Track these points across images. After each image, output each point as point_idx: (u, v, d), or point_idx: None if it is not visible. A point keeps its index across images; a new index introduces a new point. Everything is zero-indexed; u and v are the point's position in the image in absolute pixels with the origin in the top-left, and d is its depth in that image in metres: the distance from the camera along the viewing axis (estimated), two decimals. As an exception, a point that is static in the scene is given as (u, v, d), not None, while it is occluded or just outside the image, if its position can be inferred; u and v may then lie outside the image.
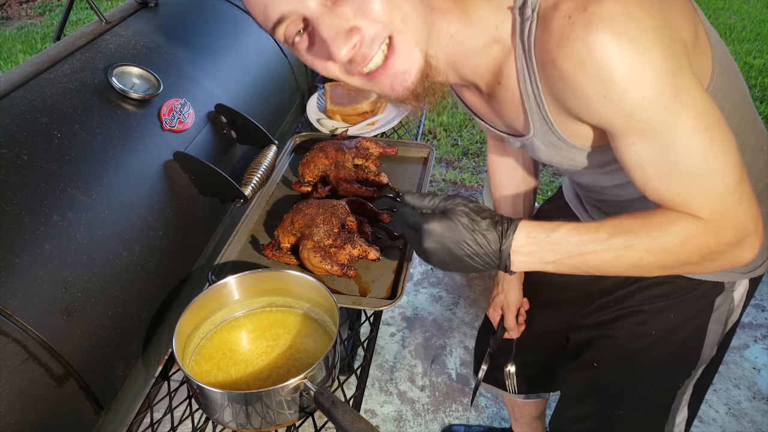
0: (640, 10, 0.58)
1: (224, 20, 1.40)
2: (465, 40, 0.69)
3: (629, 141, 0.64)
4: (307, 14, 0.61)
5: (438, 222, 0.69)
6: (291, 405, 0.78)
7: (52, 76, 0.98)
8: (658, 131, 0.62)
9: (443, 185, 2.87)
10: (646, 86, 0.59)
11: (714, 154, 0.62)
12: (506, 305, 1.21)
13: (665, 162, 0.63)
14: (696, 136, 0.61)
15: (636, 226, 0.66)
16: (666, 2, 0.63)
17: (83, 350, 0.77)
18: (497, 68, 0.71)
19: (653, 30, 0.58)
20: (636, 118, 0.61)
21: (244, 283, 0.93)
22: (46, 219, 0.79)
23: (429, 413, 1.82)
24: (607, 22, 0.57)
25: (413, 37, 0.64)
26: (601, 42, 0.57)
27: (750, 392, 1.80)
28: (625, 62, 0.58)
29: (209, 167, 1.04)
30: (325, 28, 0.61)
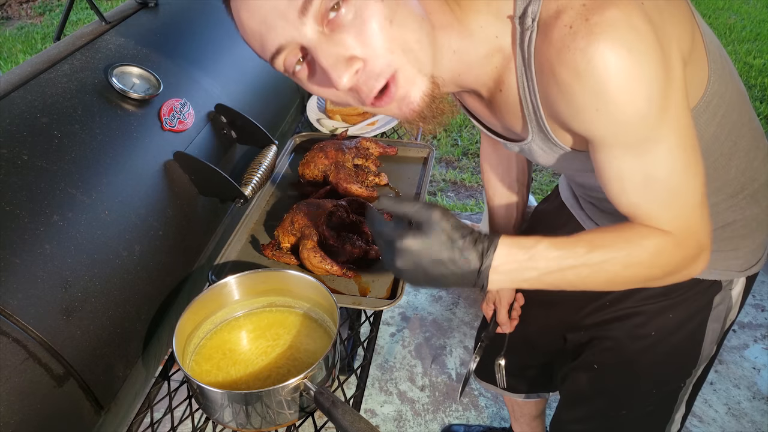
0: (643, 23, 0.58)
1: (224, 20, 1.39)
2: (467, 52, 0.69)
3: (612, 153, 0.65)
4: (305, 43, 0.59)
5: (414, 239, 0.64)
6: (291, 405, 0.78)
7: (52, 76, 0.98)
8: (643, 146, 0.63)
9: (443, 185, 2.87)
10: (639, 102, 0.59)
11: (689, 171, 0.65)
12: (498, 300, 1.21)
13: (644, 176, 0.65)
14: (677, 153, 0.63)
15: (612, 241, 0.66)
16: (665, 13, 0.63)
17: (83, 350, 0.77)
18: (498, 76, 0.71)
19: (653, 44, 0.58)
20: (624, 132, 0.62)
21: (244, 283, 0.93)
22: (46, 219, 0.79)
23: (429, 413, 1.82)
24: (609, 34, 0.56)
25: (416, 64, 0.62)
26: (600, 54, 0.57)
27: (750, 392, 1.80)
28: (621, 76, 0.57)
29: (209, 167, 1.04)
30: (324, 57, 0.59)
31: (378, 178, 1.27)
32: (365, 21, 0.58)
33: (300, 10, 0.57)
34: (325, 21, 0.58)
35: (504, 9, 0.65)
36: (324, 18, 0.58)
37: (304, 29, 0.58)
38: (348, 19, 0.58)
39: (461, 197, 2.79)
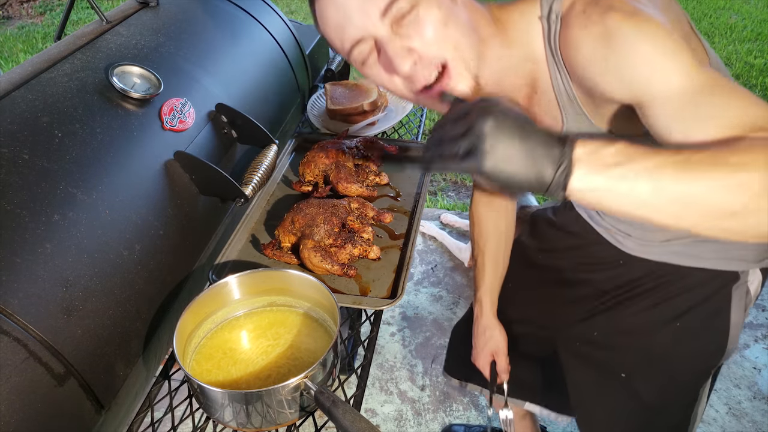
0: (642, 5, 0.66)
1: (225, 20, 1.40)
2: (508, 59, 0.78)
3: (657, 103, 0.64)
4: (379, 37, 0.73)
5: (497, 107, 0.57)
6: (291, 404, 0.78)
7: (53, 76, 0.98)
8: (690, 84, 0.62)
9: (443, 184, 2.87)
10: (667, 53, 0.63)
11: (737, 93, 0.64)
12: (496, 350, 1.21)
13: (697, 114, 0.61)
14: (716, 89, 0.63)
15: (708, 154, 0.56)
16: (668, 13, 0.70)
17: (84, 349, 0.77)
18: (533, 79, 0.80)
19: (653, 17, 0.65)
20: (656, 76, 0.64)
21: (245, 282, 0.93)
22: (46, 218, 0.79)
23: (429, 413, 1.82)
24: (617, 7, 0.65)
25: (464, 62, 0.74)
26: (615, 19, 0.64)
27: (750, 392, 1.80)
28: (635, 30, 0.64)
29: (210, 167, 1.04)
30: (391, 47, 0.72)
31: (378, 178, 1.27)
32: (424, 21, 0.72)
33: (382, 12, 0.71)
34: (396, 22, 0.72)
35: (534, 12, 0.76)
36: (396, 20, 0.72)
37: (381, 26, 0.72)
38: (411, 20, 0.72)
39: (462, 197, 2.79)
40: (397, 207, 1.22)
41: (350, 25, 0.73)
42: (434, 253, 2.43)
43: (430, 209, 2.67)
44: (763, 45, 4.04)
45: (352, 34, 0.74)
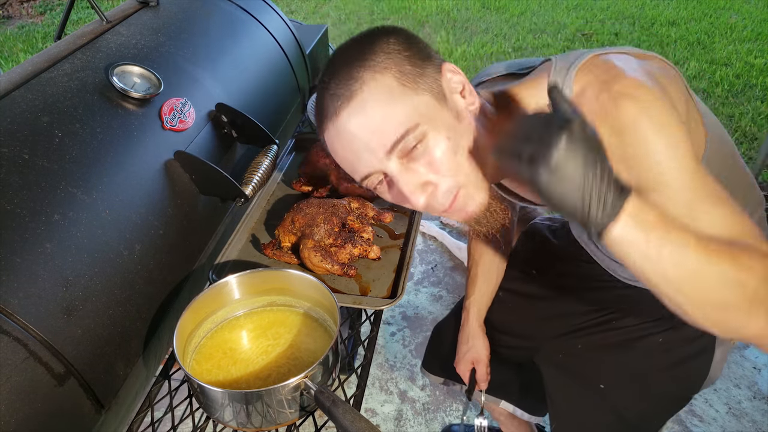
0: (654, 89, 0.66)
1: (225, 19, 1.40)
2: None
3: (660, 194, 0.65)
4: (389, 173, 0.72)
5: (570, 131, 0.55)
6: (291, 404, 0.78)
7: (53, 75, 0.98)
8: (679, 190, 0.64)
9: (444, 185, 2.87)
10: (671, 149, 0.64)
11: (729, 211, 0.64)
12: (477, 359, 1.22)
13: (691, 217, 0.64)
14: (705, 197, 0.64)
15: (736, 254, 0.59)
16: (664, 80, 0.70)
17: (84, 349, 0.77)
18: None
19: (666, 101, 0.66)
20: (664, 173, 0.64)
21: (245, 282, 0.93)
22: (46, 218, 0.79)
23: (429, 412, 1.82)
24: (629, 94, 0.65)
25: (475, 183, 0.74)
26: (628, 111, 0.65)
27: (750, 392, 1.80)
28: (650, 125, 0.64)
29: (210, 166, 1.04)
30: (404, 184, 0.72)
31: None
32: (435, 155, 0.70)
33: (388, 150, 0.70)
34: (405, 155, 0.70)
35: (542, 100, 0.75)
36: (405, 154, 0.70)
37: (389, 163, 0.71)
38: (421, 152, 0.70)
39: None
40: (397, 207, 1.22)
41: (358, 161, 0.72)
42: (434, 252, 2.43)
43: (430, 209, 2.67)
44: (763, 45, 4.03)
45: (361, 170, 0.73)
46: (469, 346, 1.22)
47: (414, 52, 0.71)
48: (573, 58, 0.73)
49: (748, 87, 3.50)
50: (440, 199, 0.73)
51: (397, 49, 0.70)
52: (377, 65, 0.69)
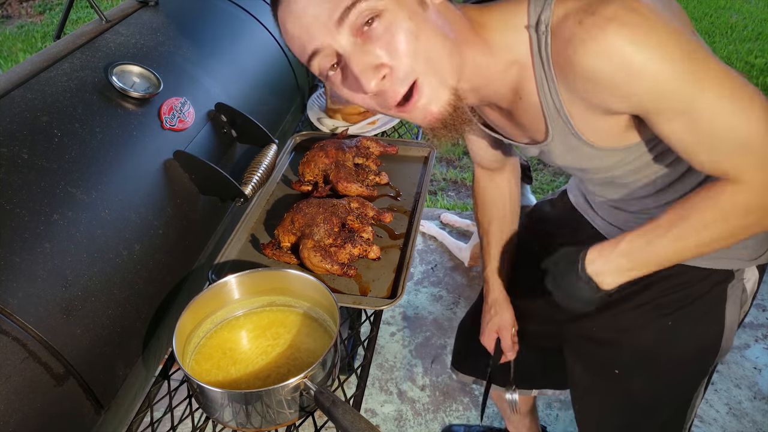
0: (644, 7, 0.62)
1: (225, 19, 1.40)
2: (488, 66, 0.74)
3: (664, 119, 0.67)
4: (340, 50, 0.66)
5: (553, 276, 0.83)
6: (291, 404, 0.77)
7: (52, 75, 0.98)
8: (687, 104, 0.64)
9: (444, 184, 2.86)
10: (665, 64, 0.62)
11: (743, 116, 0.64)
12: (501, 327, 1.20)
13: (702, 133, 0.66)
14: (724, 103, 0.64)
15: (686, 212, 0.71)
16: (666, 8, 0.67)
17: (83, 349, 0.77)
18: (516, 86, 0.76)
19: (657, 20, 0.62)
20: (663, 95, 0.64)
21: (244, 282, 0.93)
22: (46, 218, 0.79)
23: (429, 413, 1.81)
24: (614, 18, 0.62)
25: (438, 75, 0.68)
26: (612, 34, 0.62)
27: (751, 392, 1.80)
28: (638, 45, 0.62)
29: (209, 166, 1.04)
30: (355, 64, 0.66)
31: (378, 177, 1.27)
32: (394, 34, 0.65)
33: (337, 21, 0.64)
34: (359, 33, 0.65)
35: (519, 21, 0.71)
36: (358, 30, 0.65)
37: (339, 38, 0.65)
38: (379, 32, 0.65)
39: (462, 196, 2.79)
40: (397, 206, 1.22)
41: (307, 36, 0.66)
42: (434, 252, 2.43)
43: (430, 209, 2.67)
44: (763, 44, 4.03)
45: (309, 46, 0.67)
46: (491, 314, 1.19)
47: None
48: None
49: (748, 87, 3.50)
50: (395, 86, 0.66)
51: None
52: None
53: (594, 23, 0.62)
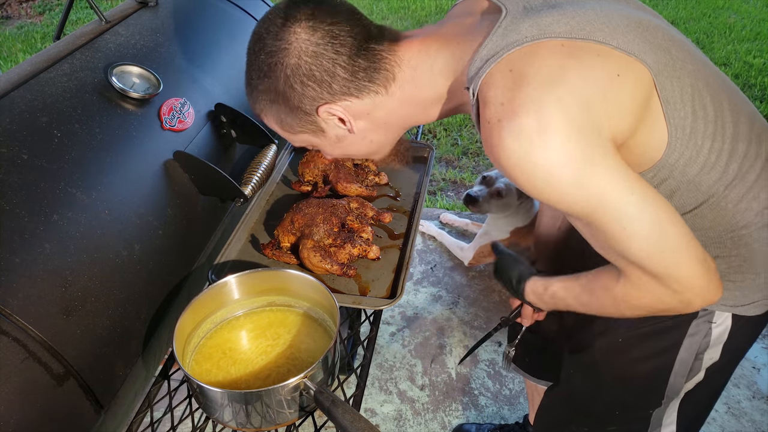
0: (554, 118, 0.64)
1: (224, 20, 1.40)
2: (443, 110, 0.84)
3: (571, 218, 0.73)
4: None
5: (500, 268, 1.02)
6: (291, 404, 0.78)
7: (52, 76, 0.98)
8: (581, 218, 0.70)
9: (443, 184, 2.86)
10: (564, 177, 0.65)
11: (653, 224, 0.67)
12: None
13: (605, 236, 0.70)
14: (619, 230, 0.68)
15: (592, 289, 0.82)
16: (594, 99, 0.66)
17: (83, 349, 0.77)
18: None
19: (560, 139, 0.64)
20: (566, 204, 0.68)
21: (244, 282, 0.93)
22: (46, 218, 0.79)
23: (429, 412, 1.82)
24: (518, 139, 0.64)
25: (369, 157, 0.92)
26: (512, 157, 0.66)
27: (750, 391, 1.81)
28: (535, 179, 0.66)
29: (209, 166, 1.04)
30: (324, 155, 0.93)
31: (378, 178, 1.27)
32: (327, 155, 0.90)
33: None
34: None
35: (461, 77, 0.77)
36: None
37: None
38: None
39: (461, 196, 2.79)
40: (396, 207, 1.22)
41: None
42: (434, 252, 2.43)
43: (429, 209, 2.67)
44: (762, 44, 4.04)
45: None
46: None
47: (292, 104, 0.78)
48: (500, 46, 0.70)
49: (747, 87, 3.50)
50: None
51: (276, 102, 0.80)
52: (264, 110, 0.81)
53: (497, 132, 0.66)
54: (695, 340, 0.88)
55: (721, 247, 0.82)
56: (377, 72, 0.76)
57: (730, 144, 0.77)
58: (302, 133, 0.82)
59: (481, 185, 2.02)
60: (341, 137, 0.83)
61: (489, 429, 1.74)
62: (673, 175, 0.77)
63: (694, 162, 0.76)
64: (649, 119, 0.72)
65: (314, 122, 0.80)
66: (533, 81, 0.65)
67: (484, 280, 2.28)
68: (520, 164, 0.65)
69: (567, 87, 0.65)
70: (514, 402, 1.84)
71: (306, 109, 0.78)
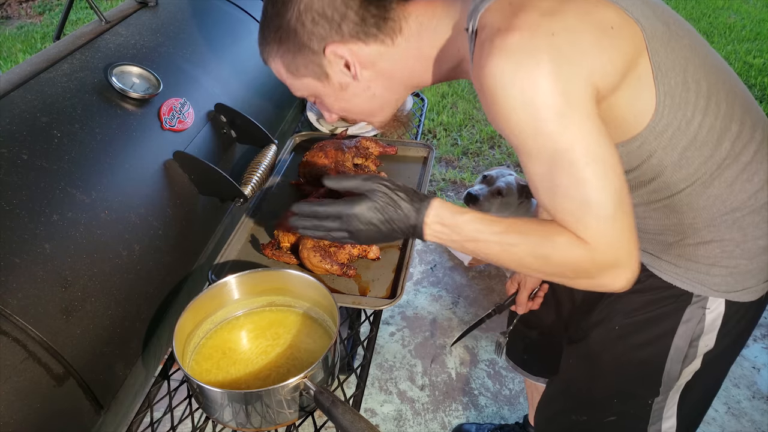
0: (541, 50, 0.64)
1: (224, 20, 1.40)
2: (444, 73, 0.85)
3: (522, 157, 0.71)
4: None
5: (363, 205, 0.79)
6: (291, 404, 0.78)
7: (52, 76, 0.98)
8: (545, 156, 0.67)
9: (443, 184, 2.86)
10: (528, 115, 0.65)
11: (597, 185, 0.66)
12: (523, 283, 1.23)
13: (550, 182, 0.69)
14: (581, 166, 0.66)
15: (528, 230, 0.73)
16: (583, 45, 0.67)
17: (83, 349, 0.77)
18: None
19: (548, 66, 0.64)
20: (522, 143, 0.68)
21: (244, 282, 0.93)
22: (45, 218, 0.79)
23: (429, 412, 1.82)
24: (505, 56, 0.65)
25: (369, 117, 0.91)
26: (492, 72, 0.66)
27: (750, 391, 1.81)
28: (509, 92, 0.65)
29: (209, 167, 1.04)
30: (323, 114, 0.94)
31: (378, 178, 1.27)
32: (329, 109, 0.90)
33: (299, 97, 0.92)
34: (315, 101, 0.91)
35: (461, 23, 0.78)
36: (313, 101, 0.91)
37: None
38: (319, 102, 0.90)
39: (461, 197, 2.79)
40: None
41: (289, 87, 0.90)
42: (433, 252, 2.43)
43: (429, 209, 2.67)
44: (761, 45, 4.04)
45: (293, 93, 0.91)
46: None
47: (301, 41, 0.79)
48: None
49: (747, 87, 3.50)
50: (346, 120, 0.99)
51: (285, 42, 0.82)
52: (272, 52, 0.83)
53: (487, 53, 0.66)
54: (689, 326, 0.89)
55: (715, 230, 0.82)
56: (385, 21, 0.79)
57: (723, 122, 0.78)
58: (306, 77, 0.83)
59: (482, 184, 2.02)
60: (345, 85, 0.83)
61: (489, 429, 1.74)
62: (659, 146, 0.76)
63: (683, 134, 0.76)
64: (636, 81, 0.72)
65: (320, 64, 0.81)
66: (532, 11, 0.67)
67: (484, 280, 2.28)
68: (503, 83, 0.65)
69: (563, 23, 0.66)
70: (514, 402, 1.84)
71: (314, 47, 0.79)
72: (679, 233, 0.85)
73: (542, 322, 1.28)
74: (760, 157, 0.81)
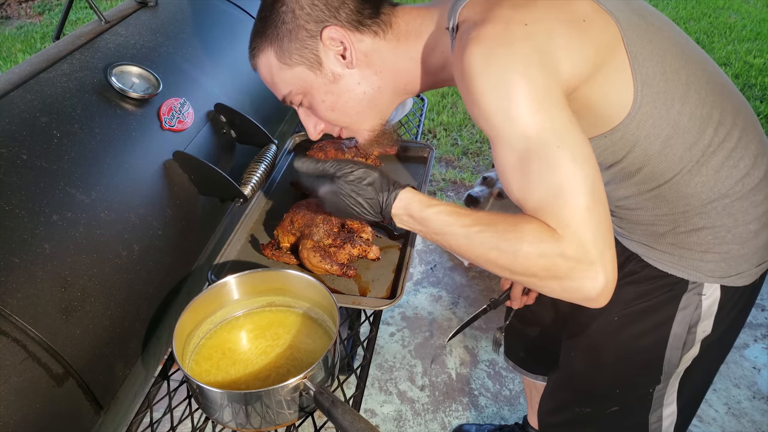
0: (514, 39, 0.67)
1: (224, 20, 1.40)
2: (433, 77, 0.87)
3: (494, 146, 0.71)
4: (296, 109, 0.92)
5: (327, 190, 0.85)
6: (291, 405, 0.77)
7: (52, 76, 0.98)
8: (513, 140, 0.68)
9: (443, 184, 2.86)
10: (498, 103, 0.67)
11: (569, 175, 0.66)
12: None
13: (521, 171, 0.69)
14: (553, 156, 0.66)
15: (496, 223, 0.71)
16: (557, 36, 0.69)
17: (82, 350, 0.77)
18: None
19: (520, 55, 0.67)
20: (494, 128, 0.69)
21: (244, 282, 0.93)
22: (45, 218, 0.79)
23: (429, 413, 1.82)
24: (479, 45, 0.68)
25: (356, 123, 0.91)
26: (468, 61, 0.68)
27: (750, 392, 1.81)
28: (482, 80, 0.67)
29: (209, 167, 1.04)
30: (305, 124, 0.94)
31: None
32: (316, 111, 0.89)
33: (282, 100, 0.90)
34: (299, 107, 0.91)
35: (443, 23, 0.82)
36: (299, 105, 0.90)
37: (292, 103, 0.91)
38: (310, 106, 0.89)
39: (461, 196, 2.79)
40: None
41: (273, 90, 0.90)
42: (433, 253, 2.43)
43: (429, 209, 2.67)
44: (762, 44, 4.04)
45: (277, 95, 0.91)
46: None
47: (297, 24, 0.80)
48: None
49: (747, 87, 3.50)
50: (330, 132, 0.94)
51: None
52: (264, 42, 0.84)
53: (464, 43, 0.69)
54: (687, 313, 0.90)
55: (706, 217, 0.83)
56: (378, 17, 0.83)
57: (704, 110, 0.79)
58: (299, 65, 0.83)
59: (482, 186, 2.02)
60: (337, 77, 0.84)
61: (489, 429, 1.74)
62: (642, 135, 0.77)
63: (665, 122, 0.77)
64: (614, 72, 0.73)
65: (314, 50, 0.82)
66: (505, 3, 0.71)
67: (484, 281, 2.28)
68: (478, 69, 0.67)
69: (535, 15, 0.69)
70: (514, 402, 1.84)
71: (310, 28, 0.80)
72: (671, 222, 0.86)
73: (541, 321, 1.28)
74: (744, 143, 0.82)
